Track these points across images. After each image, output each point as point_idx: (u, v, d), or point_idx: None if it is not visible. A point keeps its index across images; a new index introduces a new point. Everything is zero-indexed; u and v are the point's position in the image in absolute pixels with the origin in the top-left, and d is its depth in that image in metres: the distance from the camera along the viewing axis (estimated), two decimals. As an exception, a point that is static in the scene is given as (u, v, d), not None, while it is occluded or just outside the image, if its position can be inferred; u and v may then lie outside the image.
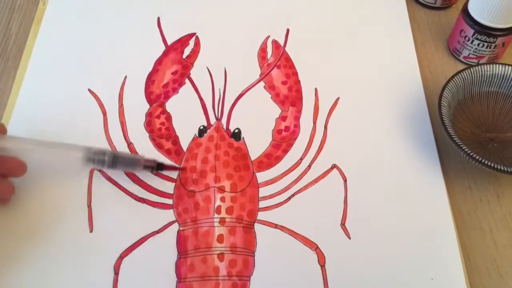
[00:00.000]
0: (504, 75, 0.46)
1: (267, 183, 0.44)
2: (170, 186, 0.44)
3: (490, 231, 0.42)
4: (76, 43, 0.52)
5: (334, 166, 0.45)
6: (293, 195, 0.43)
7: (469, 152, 0.41)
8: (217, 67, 0.50)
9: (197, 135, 0.46)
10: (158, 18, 0.54)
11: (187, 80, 0.50)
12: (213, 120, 0.47)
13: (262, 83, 0.50)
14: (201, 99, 0.49)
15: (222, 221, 0.42)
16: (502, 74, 0.46)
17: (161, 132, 0.46)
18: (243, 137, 0.46)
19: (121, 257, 0.40)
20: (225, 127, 0.47)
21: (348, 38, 0.53)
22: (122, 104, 0.48)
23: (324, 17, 0.55)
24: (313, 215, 0.42)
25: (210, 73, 0.50)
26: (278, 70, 0.51)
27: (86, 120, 0.47)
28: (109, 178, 0.44)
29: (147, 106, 0.48)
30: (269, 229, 0.42)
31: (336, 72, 0.51)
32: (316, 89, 0.49)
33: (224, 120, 0.47)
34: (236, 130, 0.47)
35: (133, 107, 0.48)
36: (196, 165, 0.44)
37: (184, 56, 0.51)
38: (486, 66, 0.46)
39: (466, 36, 0.49)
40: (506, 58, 0.52)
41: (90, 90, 0.49)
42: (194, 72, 0.50)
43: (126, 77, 0.50)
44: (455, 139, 0.42)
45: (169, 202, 0.43)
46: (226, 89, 0.49)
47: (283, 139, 0.46)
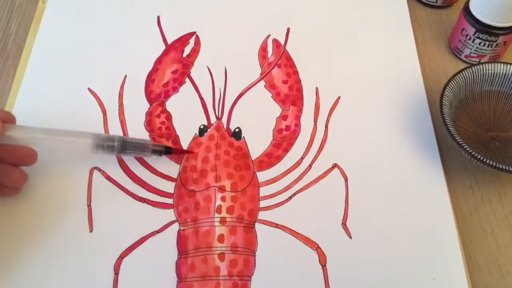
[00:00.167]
0: (506, 74, 0.46)
1: (268, 183, 0.44)
2: (171, 186, 0.43)
3: (492, 231, 0.42)
4: (76, 42, 0.52)
5: (335, 166, 0.45)
6: (294, 195, 0.43)
7: (471, 151, 0.41)
8: (218, 66, 0.50)
9: (198, 134, 0.46)
10: (158, 17, 0.54)
11: (187, 79, 0.50)
12: (214, 119, 0.47)
13: (263, 82, 0.50)
14: (202, 98, 0.48)
15: (223, 221, 0.42)
16: (504, 73, 0.46)
17: (161, 132, 0.46)
18: (244, 136, 0.46)
19: (121, 257, 0.40)
20: (226, 126, 0.47)
21: (349, 37, 0.53)
22: (122, 103, 0.48)
23: (325, 16, 0.55)
24: (314, 215, 0.42)
25: (211, 72, 0.50)
26: (279, 69, 0.50)
27: (86, 120, 0.47)
28: (109, 178, 0.44)
29: (147, 105, 0.48)
30: (270, 229, 0.42)
31: (337, 71, 0.50)
32: (317, 88, 0.49)
33: (225, 119, 0.47)
34: (237, 129, 0.46)
35: (133, 106, 0.48)
36: (197, 165, 0.44)
37: (184, 55, 0.51)
38: (488, 65, 0.46)
39: (468, 35, 0.49)
40: (508, 57, 0.52)
41: (90, 89, 0.49)
42: (194, 71, 0.50)
43: (126, 76, 0.50)
44: (457, 138, 0.42)
45: (170, 202, 0.43)
46: (227, 88, 0.49)
47: (284, 139, 0.46)
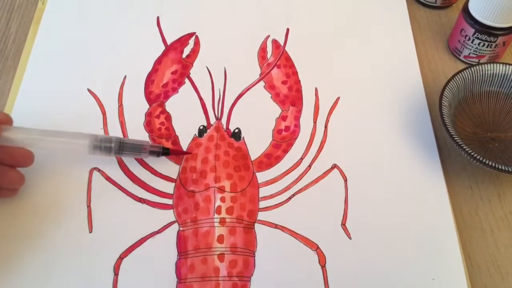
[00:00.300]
0: (505, 75, 0.46)
1: (267, 183, 0.44)
2: (170, 186, 0.43)
3: (491, 231, 0.42)
4: (75, 43, 0.52)
5: (335, 166, 0.45)
6: (294, 195, 0.43)
7: (470, 152, 0.41)
8: (217, 67, 0.50)
9: (197, 135, 0.46)
10: (158, 18, 0.54)
11: (187, 80, 0.50)
12: (213, 120, 0.47)
13: (262, 83, 0.50)
14: (201, 99, 0.48)
15: (222, 221, 0.42)
16: (503, 74, 0.46)
17: (161, 132, 0.46)
18: (243, 137, 0.46)
19: (121, 258, 0.40)
20: (225, 127, 0.47)
21: (348, 38, 0.53)
22: (122, 104, 0.48)
23: (324, 16, 0.55)
24: (314, 215, 0.42)
25: (210, 73, 0.50)
26: (278, 70, 0.50)
27: (86, 120, 0.47)
28: (109, 178, 0.44)
29: (147, 106, 0.48)
30: (270, 229, 0.42)
31: (336, 72, 0.50)
32: (316, 89, 0.49)
33: (224, 120, 0.47)
34: (236, 130, 0.46)
35: (133, 107, 0.48)
36: (196, 165, 0.44)
37: (184, 56, 0.51)
38: (487, 66, 0.46)
39: (467, 36, 0.49)
40: (507, 58, 0.52)
41: (90, 90, 0.49)
42: (194, 72, 0.50)
43: (126, 77, 0.50)
44: (456, 139, 0.42)
45: (169, 202, 0.43)
46: (226, 89, 0.49)
47: (283, 139, 0.46)
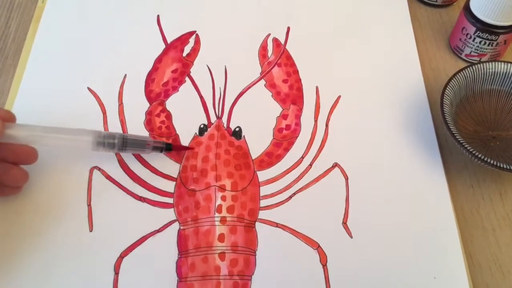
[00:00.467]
0: (506, 73, 0.46)
1: (268, 182, 0.44)
2: (171, 185, 0.43)
3: (493, 230, 0.42)
4: (75, 41, 0.52)
5: (336, 165, 0.44)
6: (294, 194, 0.43)
7: (472, 151, 0.41)
8: (218, 65, 0.50)
9: (198, 134, 0.46)
10: (158, 16, 0.54)
11: (187, 79, 0.50)
12: (214, 119, 0.47)
13: (263, 82, 0.50)
14: (202, 98, 0.48)
15: (223, 220, 0.41)
16: (504, 72, 0.46)
17: (161, 131, 0.46)
18: (244, 136, 0.46)
19: (121, 257, 0.40)
20: (226, 126, 0.47)
21: (349, 36, 0.53)
22: (122, 103, 0.48)
23: (325, 15, 0.54)
24: (315, 214, 0.42)
25: (211, 71, 0.50)
26: (279, 68, 0.50)
27: (86, 119, 0.46)
28: (109, 177, 0.43)
29: (147, 105, 0.48)
30: (270, 228, 0.41)
31: (337, 70, 0.50)
32: (317, 87, 0.49)
33: (225, 119, 0.47)
34: (237, 129, 0.46)
35: (133, 106, 0.48)
36: (197, 164, 0.44)
37: (184, 54, 0.51)
38: (488, 64, 0.46)
39: (468, 34, 0.49)
40: (508, 56, 0.52)
41: (90, 89, 0.48)
42: (194, 70, 0.50)
43: (126, 76, 0.49)
44: (458, 138, 0.42)
45: (170, 201, 0.43)
46: (227, 87, 0.49)
47: (284, 138, 0.46)
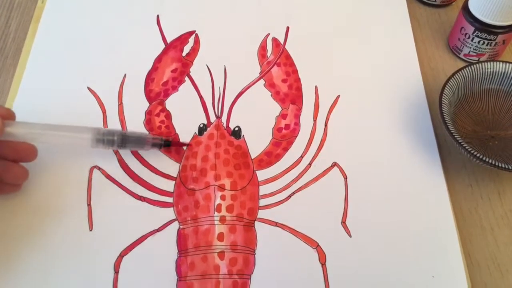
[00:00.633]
0: (505, 73, 0.46)
1: (268, 181, 0.44)
2: (170, 184, 0.43)
3: (491, 229, 0.42)
4: (75, 41, 0.52)
5: (335, 164, 0.45)
6: (294, 193, 0.43)
7: (470, 150, 0.41)
8: (217, 65, 0.50)
9: (197, 133, 0.46)
10: (158, 16, 0.54)
11: (187, 78, 0.50)
12: (213, 118, 0.47)
13: (262, 81, 0.50)
14: (201, 97, 0.48)
15: (223, 219, 0.42)
16: (503, 72, 0.46)
17: (161, 130, 0.46)
18: (243, 135, 0.46)
19: (121, 256, 0.40)
20: (225, 125, 0.47)
21: (348, 36, 0.53)
22: (122, 102, 0.48)
23: (324, 14, 0.55)
24: (314, 213, 0.42)
25: (210, 71, 0.50)
26: (278, 68, 0.50)
27: (86, 118, 0.46)
28: (109, 176, 0.44)
29: (147, 104, 0.48)
30: (270, 227, 0.42)
31: (336, 70, 0.50)
32: (316, 87, 0.49)
33: (224, 118, 0.47)
34: (236, 128, 0.46)
35: (133, 105, 0.48)
36: (196, 163, 0.44)
37: (184, 54, 0.51)
38: (487, 64, 0.46)
39: (467, 34, 0.49)
40: (507, 56, 0.52)
41: (89, 89, 0.49)
42: (194, 70, 0.50)
43: (126, 75, 0.49)
44: (456, 137, 0.42)
45: (169, 201, 0.43)
46: (226, 87, 0.49)
47: (283, 137, 0.46)
